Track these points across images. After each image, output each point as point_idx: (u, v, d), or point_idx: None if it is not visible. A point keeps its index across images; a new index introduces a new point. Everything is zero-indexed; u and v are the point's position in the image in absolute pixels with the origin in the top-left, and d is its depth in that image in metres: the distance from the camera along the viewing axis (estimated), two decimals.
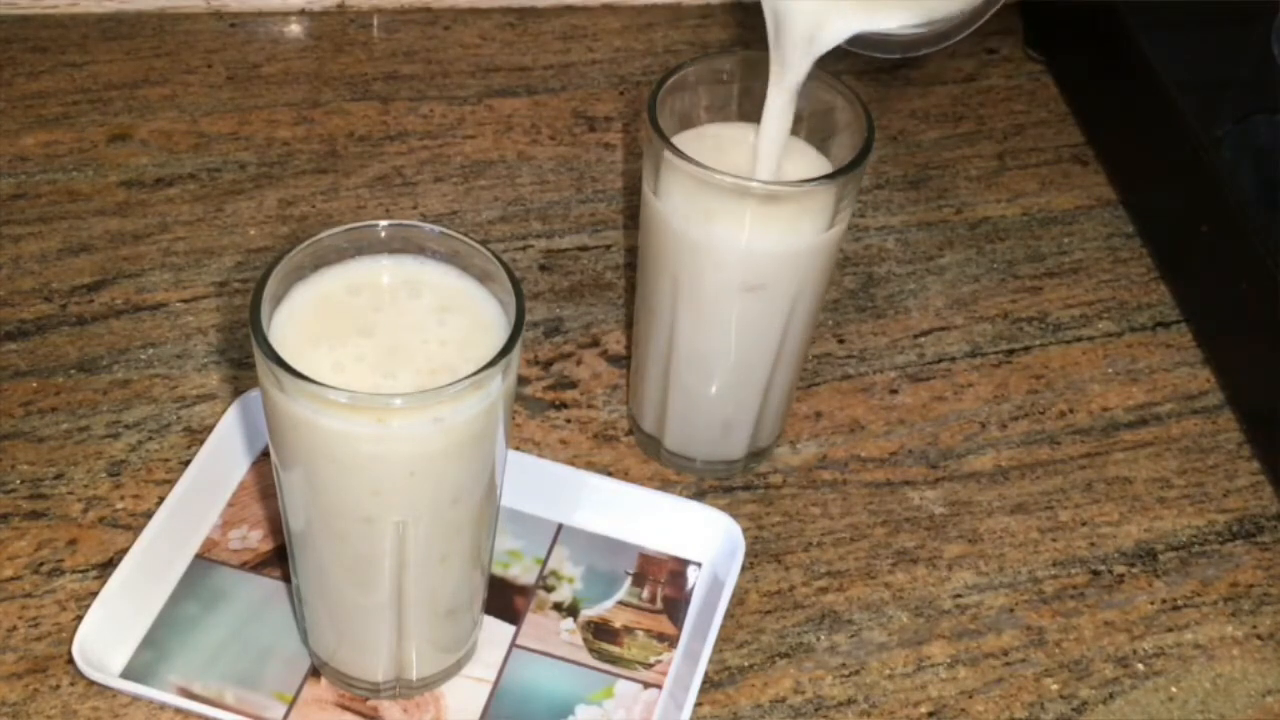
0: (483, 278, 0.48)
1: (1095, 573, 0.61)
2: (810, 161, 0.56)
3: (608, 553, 0.59)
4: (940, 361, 0.69)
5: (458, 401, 0.43)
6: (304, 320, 0.46)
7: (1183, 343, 0.71)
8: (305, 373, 0.42)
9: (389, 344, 0.46)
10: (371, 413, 0.43)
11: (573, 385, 0.66)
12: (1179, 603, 0.60)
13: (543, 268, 0.71)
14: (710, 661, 0.55)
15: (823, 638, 0.57)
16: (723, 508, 0.59)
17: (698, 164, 0.51)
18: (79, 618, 0.53)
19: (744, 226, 0.53)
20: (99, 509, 0.59)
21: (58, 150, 0.74)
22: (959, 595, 0.59)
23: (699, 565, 0.59)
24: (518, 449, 0.61)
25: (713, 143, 0.56)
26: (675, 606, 0.57)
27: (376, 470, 0.45)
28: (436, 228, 0.48)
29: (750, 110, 0.55)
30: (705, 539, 0.59)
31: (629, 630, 0.56)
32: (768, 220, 0.53)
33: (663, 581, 0.58)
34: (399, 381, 0.44)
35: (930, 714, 0.55)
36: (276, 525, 0.58)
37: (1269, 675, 0.57)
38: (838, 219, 0.54)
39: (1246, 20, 0.77)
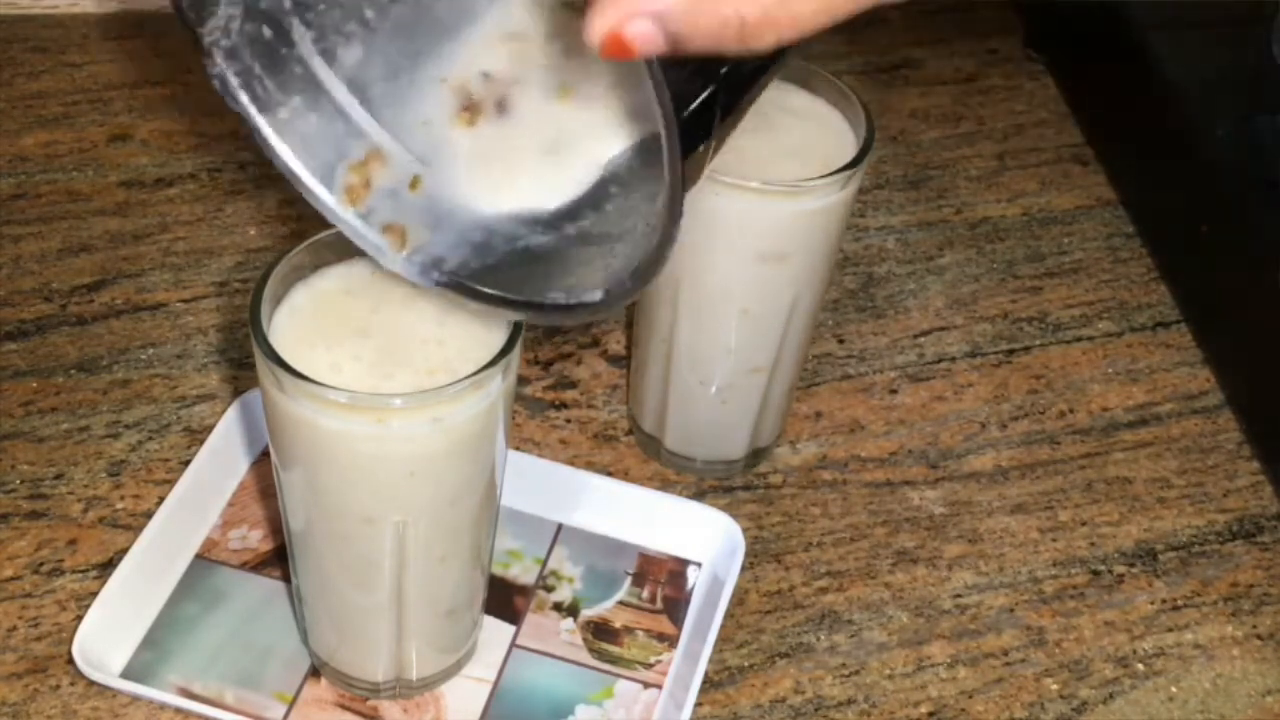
0: None
1: (1095, 573, 0.61)
2: (830, 127, 0.56)
3: (608, 553, 0.59)
4: (940, 361, 0.69)
5: (457, 401, 0.43)
6: (304, 320, 0.46)
7: (1183, 343, 0.71)
8: (305, 373, 0.42)
9: (388, 344, 0.46)
10: (371, 413, 0.43)
11: (573, 385, 0.66)
12: (1179, 603, 0.60)
13: None
14: (710, 661, 0.55)
15: (823, 638, 0.57)
16: (723, 508, 0.59)
17: None
18: (79, 618, 0.53)
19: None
20: (99, 509, 0.59)
21: (58, 150, 0.74)
22: (959, 595, 0.59)
23: (699, 565, 0.59)
24: (518, 449, 0.61)
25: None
26: (675, 606, 0.57)
27: (376, 470, 0.45)
28: None
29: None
30: (705, 539, 0.59)
31: (629, 630, 0.56)
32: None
33: (663, 581, 0.58)
34: (398, 381, 0.44)
35: (930, 714, 0.55)
36: (276, 525, 0.58)
37: (1269, 675, 0.57)
38: (849, 183, 0.53)
39: (1246, 20, 0.77)
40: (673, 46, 0.34)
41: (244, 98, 0.43)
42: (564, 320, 0.43)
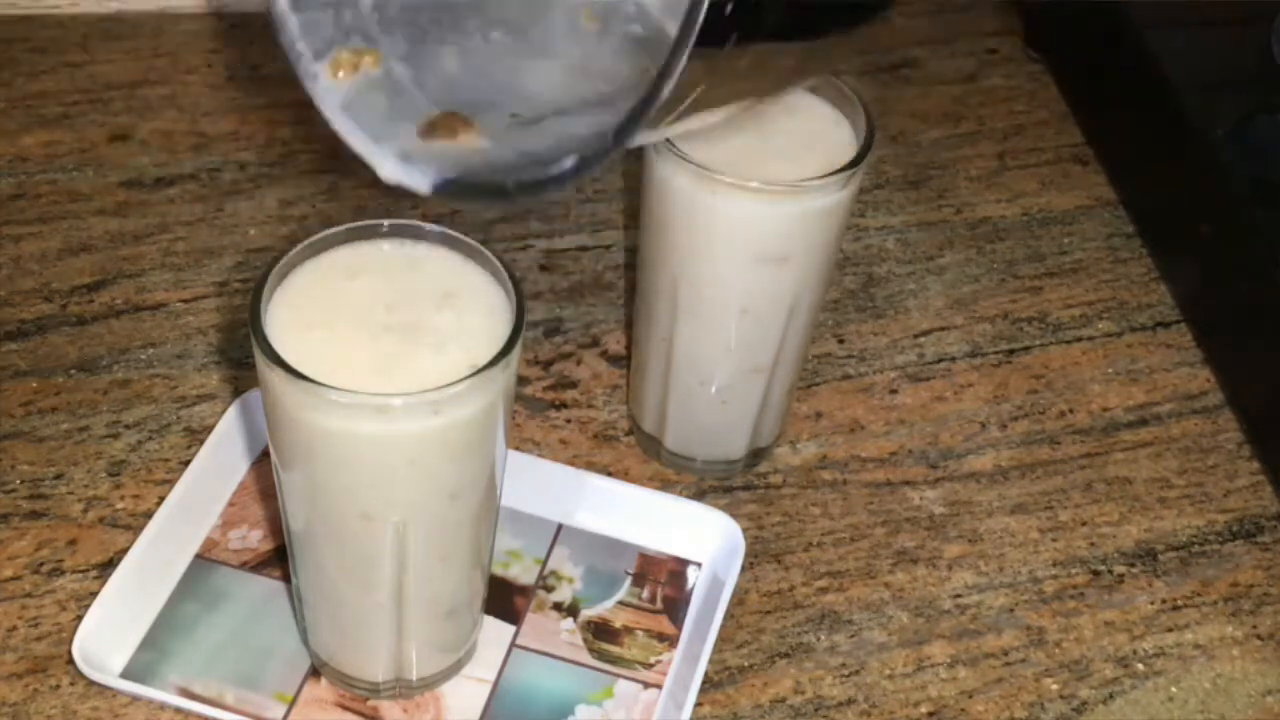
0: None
1: (1095, 573, 0.61)
2: (830, 127, 0.56)
3: (608, 553, 0.59)
4: (940, 361, 0.69)
5: (458, 400, 0.43)
6: (303, 321, 0.46)
7: (1183, 343, 0.71)
8: (304, 373, 0.42)
9: (388, 344, 0.46)
10: (371, 412, 0.43)
11: (573, 385, 0.66)
12: (1179, 603, 0.60)
13: (543, 268, 0.71)
14: (710, 661, 0.55)
15: (823, 638, 0.57)
16: (723, 508, 0.59)
17: (699, 165, 0.51)
18: (79, 618, 0.53)
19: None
20: (99, 509, 0.59)
21: (58, 150, 0.74)
22: (959, 595, 0.59)
23: (699, 565, 0.59)
24: (518, 449, 0.61)
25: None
26: (675, 606, 0.57)
27: (376, 469, 0.45)
28: (437, 228, 0.48)
29: None
30: (705, 539, 0.59)
31: (629, 630, 0.56)
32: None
33: (663, 581, 0.58)
34: (398, 381, 0.44)
35: (930, 714, 0.55)
36: (276, 525, 0.58)
37: (1269, 675, 0.57)
38: (850, 183, 0.53)
39: (1246, 20, 0.77)
40: None
41: None
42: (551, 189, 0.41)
